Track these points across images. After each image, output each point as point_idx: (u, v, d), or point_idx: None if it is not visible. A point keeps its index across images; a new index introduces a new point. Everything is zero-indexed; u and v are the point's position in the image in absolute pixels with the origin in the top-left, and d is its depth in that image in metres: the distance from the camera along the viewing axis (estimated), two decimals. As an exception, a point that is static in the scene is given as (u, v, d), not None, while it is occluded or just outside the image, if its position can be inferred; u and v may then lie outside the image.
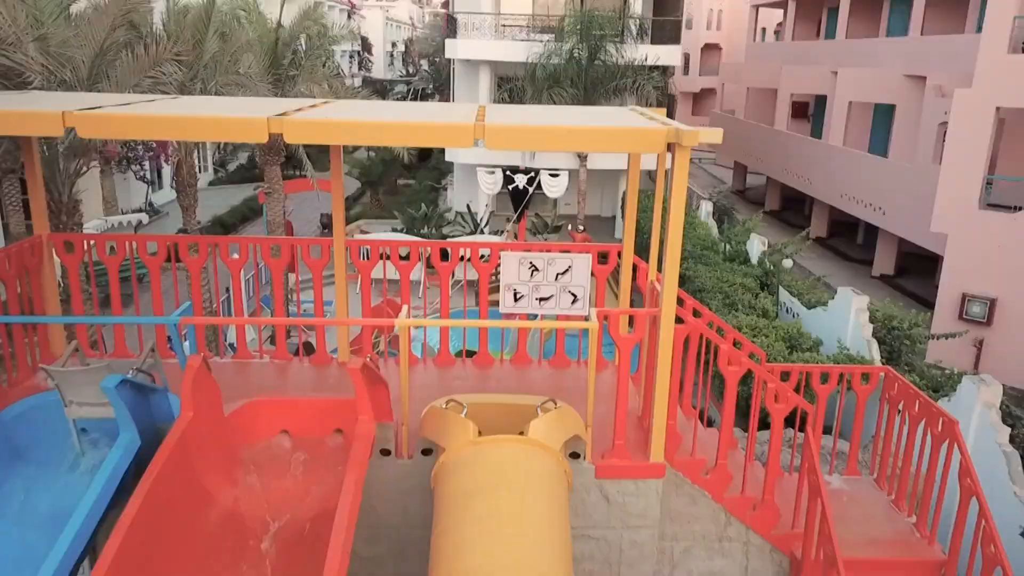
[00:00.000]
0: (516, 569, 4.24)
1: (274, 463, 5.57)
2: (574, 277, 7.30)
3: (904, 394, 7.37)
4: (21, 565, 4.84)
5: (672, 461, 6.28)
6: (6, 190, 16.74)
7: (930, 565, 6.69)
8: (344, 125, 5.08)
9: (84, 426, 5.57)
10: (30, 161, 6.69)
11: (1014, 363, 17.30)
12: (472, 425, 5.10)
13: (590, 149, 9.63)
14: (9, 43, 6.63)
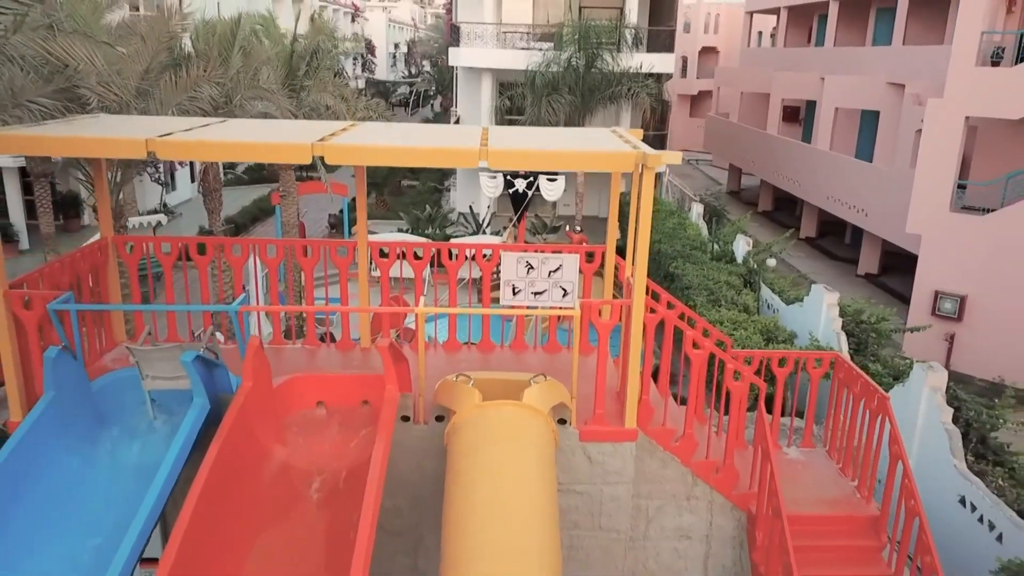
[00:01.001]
0: (513, 499, 5.41)
1: (314, 427, 6.74)
2: (564, 274, 8.45)
3: (849, 376, 8.54)
4: (112, 504, 6.00)
5: (645, 430, 7.45)
6: (39, 193, 17.94)
7: (866, 520, 7.86)
8: (373, 149, 6.26)
9: (154, 396, 6.74)
10: (99, 175, 7.86)
11: (982, 356, 18.46)
12: (478, 393, 6.28)
13: (573, 168, 10.73)
14: (79, 74, 7.65)
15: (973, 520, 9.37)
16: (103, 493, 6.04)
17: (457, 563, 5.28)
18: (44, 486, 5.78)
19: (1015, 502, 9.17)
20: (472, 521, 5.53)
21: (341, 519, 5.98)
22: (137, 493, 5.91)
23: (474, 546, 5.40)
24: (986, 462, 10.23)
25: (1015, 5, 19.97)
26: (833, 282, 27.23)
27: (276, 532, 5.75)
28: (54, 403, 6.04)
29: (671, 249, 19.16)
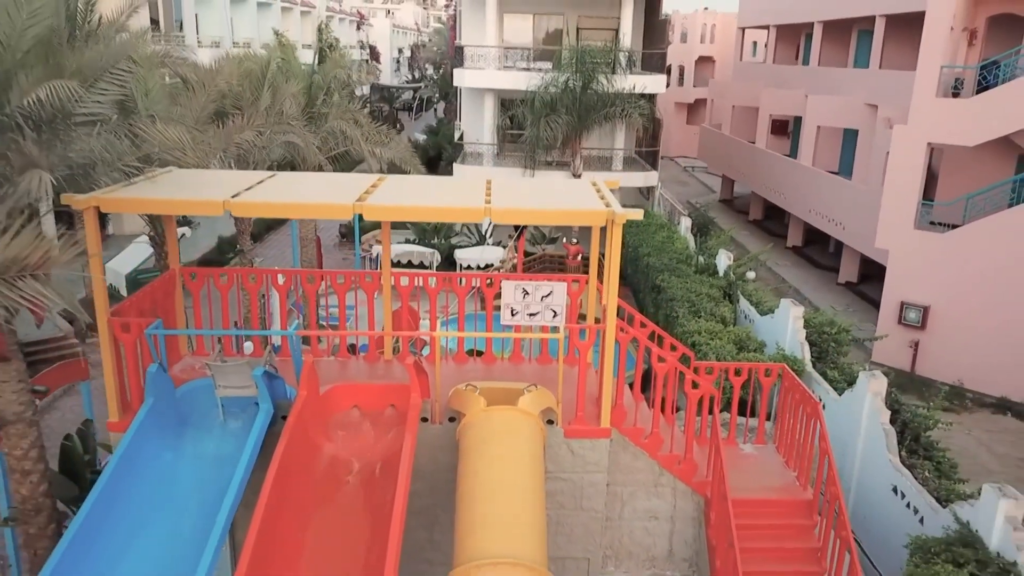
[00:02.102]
0: (510, 483, 7.11)
1: (351, 426, 8.43)
2: (554, 299, 10.10)
3: (792, 385, 10.24)
4: (199, 488, 7.67)
5: (620, 429, 9.14)
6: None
7: (801, 503, 9.55)
8: (401, 209, 7.96)
9: (224, 403, 8.43)
10: (169, 221, 9.56)
11: (943, 361, 20.10)
12: (483, 399, 7.97)
13: (559, 223, 12.37)
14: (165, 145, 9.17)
15: (902, 506, 11.03)
16: (191, 479, 7.73)
17: (468, 531, 6.97)
18: (149, 473, 7.47)
19: (936, 490, 10.81)
20: (479, 499, 7.22)
21: (375, 499, 7.68)
22: (216, 478, 7.63)
23: (480, 518, 7.09)
24: (918, 457, 11.86)
25: (975, 39, 21.59)
26: (815, 290, 28.95)
27: (327, 507, 7.45)
28: (152, 408, 7.74)
29: (659, 262, 20.77)
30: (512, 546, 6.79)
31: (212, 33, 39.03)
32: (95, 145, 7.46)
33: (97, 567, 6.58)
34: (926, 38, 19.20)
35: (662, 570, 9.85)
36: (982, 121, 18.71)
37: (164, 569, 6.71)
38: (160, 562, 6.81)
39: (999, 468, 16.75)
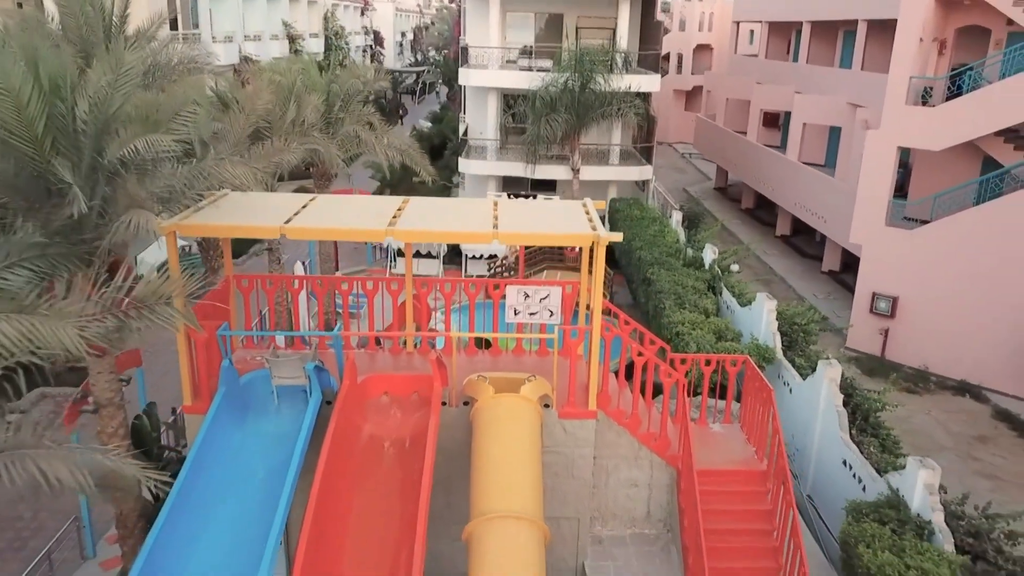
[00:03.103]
0: (514, 456, 8.94)
1: (382, 410, 10.25)
2: (551, 301, 11.89)
3: (752, 373, 12.04)
4: (263, 461, 9.48)
5: (605, 411, 10.95)
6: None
7: (757, 473, 11.38)
8: (424, 232, 9.73)
9: (278, 390, 10.23)
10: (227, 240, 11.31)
11: (911, 347, 21.91)
12: (491, 387, 9.78)
13: (553, 244, 14.17)
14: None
15: (849, 476, 12.86)
16: (256, 453, 9.56)
17: (481, 493, 8.81)
18: (224, 448, 9.30)
19: (877, 463, 12.62)
20: (489, 468, 9.06)
21: (405, 469, 9.53)
22: (275, 452, 9.46)
23: (490, 483, 8.93)
24: (866, 434, 13.67)
25: (945, 48, 23.13)
26: (800, 278, 30.68)
27: (368, 475, 9.29)
28: (225, 396, 9.56)
29: (649, 256, 22.46)
30: (515, 504, 8.63)
31: (225, 29, 40.47)
32: (177, 182, 9.20)
33: (190, 526, 8.41)
34: (897, 50, 20.79)
35: (641, 529, 11.74)
36: (947, 127, 20.36)
37: (242, 528, 8.54)
38: (238, 522, 8.64)
39: (952, 445, 18.61)
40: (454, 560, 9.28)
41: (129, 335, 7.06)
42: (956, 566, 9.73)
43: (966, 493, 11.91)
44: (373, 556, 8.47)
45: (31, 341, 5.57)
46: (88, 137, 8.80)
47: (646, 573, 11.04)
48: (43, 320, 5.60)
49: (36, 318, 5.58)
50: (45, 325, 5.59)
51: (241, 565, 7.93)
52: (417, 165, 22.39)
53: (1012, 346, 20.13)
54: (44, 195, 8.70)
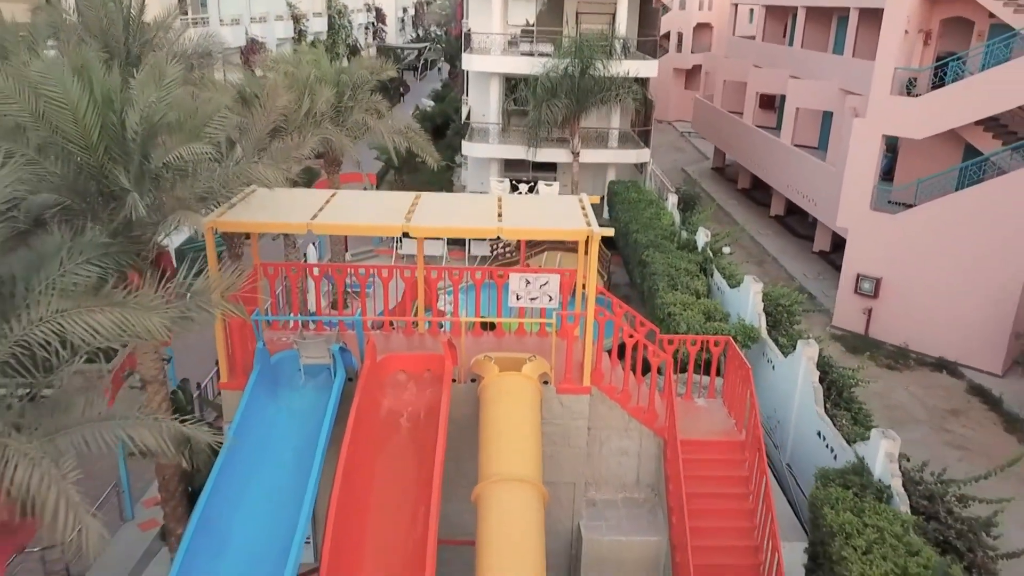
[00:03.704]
0: (517, 427, 10.14)
1: (399, 386, 11.44)
2: (550, 287, 13.02)
3: (733, 353, 13.20)
4: (294, 431, 10.67)
5: (598, 386, 12.13)
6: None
7: (736, 443, 12.58)
8: (436, 228, 10.83)
9: (304, 369, 11.41)
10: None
11: (892, 326, 23.08)
12: (496, 366, 10.95)
13: (551, 238, 15.37)
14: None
15: (823, 446, 14.06)
16: (287, 424, 10.75)
17: (487, 459, 10.01)
18: (259, 419, 10.50)
19: (848, 434, 13.81)
20: (495, 439, 10.26)
21: (420, 438, 10.72)
22: (304, 423, 10.66)
23: (496, 452, 10.13)
24: (840, 408, 14.86)
25: (930, 39, 24.00)
26: (792, 258, 31.79)
27: (388, 444, 10.50)
28: (260, 374, 10.75)
29: (645, 238, 23.53)
30: (518, 469, 9.84)
31: (232, 12, 41.21)
32: (215, 183, 10.30)
33: (235, 487, 9.63)
34: (882, 42, 21.70)
35: (631, 493, 12.99)
36: (929, 117, 21.35)
37: (279, 489, 9.75)
38: (275, 483, 9.85)
39: (926, 418, 19.86)
40: (463, 518, 10.48)
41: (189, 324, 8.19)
42: (908, 524, 10.96)
43: (925, 461, 13.14)
44: (394, 513, 9.70)
45: (122, 329, 6.69)
46: (136, 144, 9.87)
47: (635, 532, 12.30)
48: (132, 312, 6.72)
49: (127, 310, 6.69)
50: (134, 316, 6.71)
51: (281, 520, 9.15)
52: (423, 151, 23.39)
53: (987, 325, 21.29)
54: (99, 198, 9.80)
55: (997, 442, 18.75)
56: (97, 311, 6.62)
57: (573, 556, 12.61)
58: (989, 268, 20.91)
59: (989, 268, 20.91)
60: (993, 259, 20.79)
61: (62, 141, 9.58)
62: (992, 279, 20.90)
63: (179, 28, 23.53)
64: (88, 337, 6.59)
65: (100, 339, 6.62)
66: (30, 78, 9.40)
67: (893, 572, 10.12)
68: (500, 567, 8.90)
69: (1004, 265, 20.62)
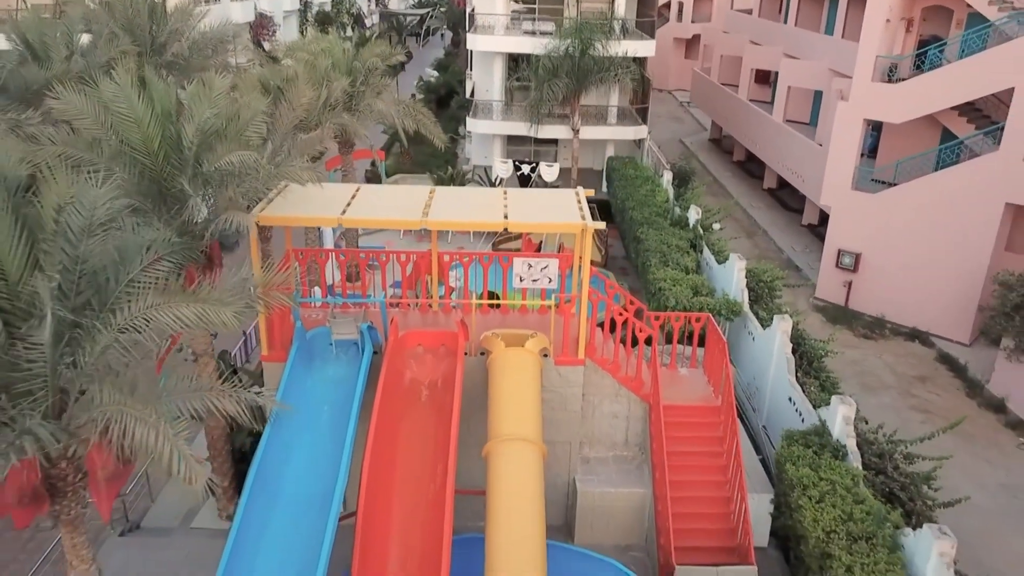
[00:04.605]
0: (520, 395, 11.86)
1: (418, 359, 13.14)
2: (550, 270, 14.62)
3: (712, 328, 14.87)
4: (328, 400, 12.38)
5: (592, 358, 13.82)
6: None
7: (713, 407, 14.31)
8: (450, 223, 12.43)
9: (336, 344, 13.08)
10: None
11: (870, 298, 24.70)
12: (502, 342, 12.63)
13: (550, 232, 17.03)
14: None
15: (793, 410, 15.80)
16: (323, 393, 12.46)
17: (495, 421, 11.74)
18: (299, 388, 12.21)
19: (814, 400, 15.52)
20: (501, 404, 11.98)
21: (438, 403, 12.45)
22: (337, 391, 12.38)
23: (503, 415, 11.85)
24: (810, 377, 16.56)
25: (912, 26, 25.20)
26: (782, 231, 33.28)
27: (410, 410, 12.23)
28: (299, 349, 12.43)
29: (640, 216, 25.01)
30: (522, 430, 11.58)
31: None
32: (260, 184, 11.87)
33: (283, 444, 11.36)
34: (865, 30, 22.97)
35: (620, 452, 14.76)
36: (907, 103, 22.72)
37: (320, 446, 11.48)
38: (316, 441, 11.59)
39: (895, 384, 21.58)
40: (475, 472, 12.23)
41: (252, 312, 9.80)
42: (858, 478, 12.72)
43: (881, 423, 14.89)
44: (417, 467, 11.46)
45: (203, 321, 8.29)
46: (191, 152, 11.41)
47: (623, 485, 14.10)
48: (211, 305, 8.31)
49: (207, 304, 8.29)
50: (212, 309, 8.31)
51: (323, 473, 10.91)
52: (431, 133, 24.83)
53: (957, 298, 22.90)
54: (161, 200, 11.38)
55: (959, 406, 20.48)
56: (184, 305, 8.21)
57: (569, 506, 14.43)
58: (959, 245, 22.44)
59: (959, 245, 22.44)
60: (963, 237, 22.31)
61: (129, 151, 11.13)
62: (963, 255, 22.44)
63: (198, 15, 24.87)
64: (177, 327, 8.21)
65: (186, 328, 8.24)
66: (102, 96, 10.92)
67: (840, 517, 11.91)
68: (507, 514, 10.67)
69: (973, 242, 22.15)
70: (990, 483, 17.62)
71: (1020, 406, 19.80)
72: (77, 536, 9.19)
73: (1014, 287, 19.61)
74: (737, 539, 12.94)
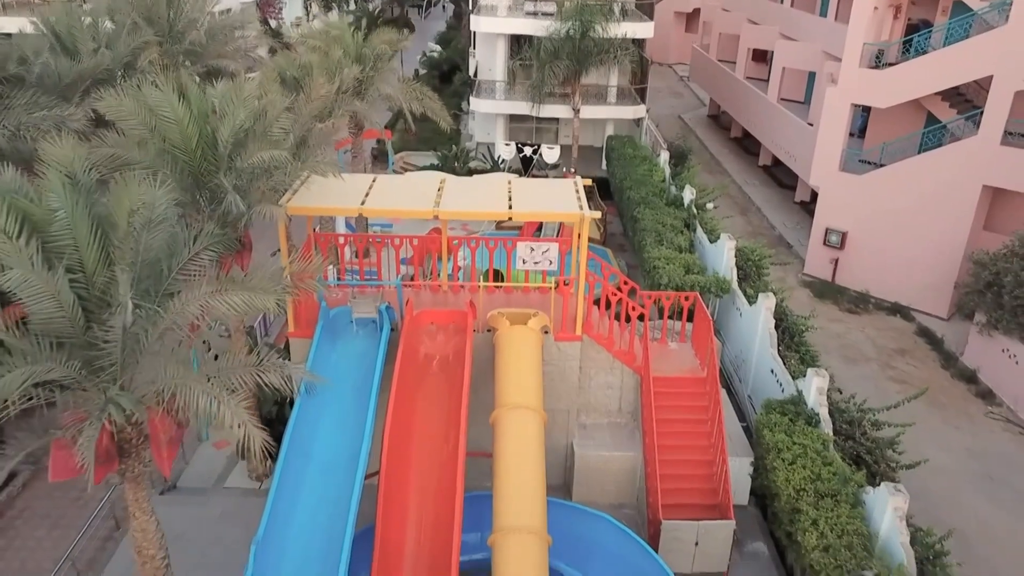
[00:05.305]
0: (523, 367, 13.22)
1: (431, 335, 14.48)
2: (551, 253, 15.90)
3: (699, 306, 16.19)
4: (351, 371, 13.74)
5: (589, 334, 15.16)
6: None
7: (699, 378, 15.67)
8: (459, 212, 13.68)
9: (357, 322, 14.41)
10: (310, 204, 15.28)
11: (855, 274, 25.97)
12: (507, 320, 13.97)
13: (551, 220, 18.34)
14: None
15: (774, 381, 17.16)
16: (347, 367, 13.81)
17: (501, 391, 13.12)
18: (325, 361, 13.57)
19: (794, 372, 16.86)
20: (507, 377, 13.34)
21: (450, 376, 13.81)
22: (359, 365, 13.73)
23: (508, 387, 13.22)
24: (791, 351, 17.89)
25: (900, 12, 26.11)
26: (775, 208, 34.42)
27: (424, 383, 13.60)
28: (324, 327, 13.77)
29: (637, 195, 26.15)
30: (525, 399, 12.96)
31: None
32: (288, 177, 13.10)
33: (313, 412, 12.74)
34: (853, 18, 23.94)
35: (614, 419, 16.17)
36: (891, 89, 23.78)
37: (345, 414, 12.85)
38: (342, 410, 12.96)
39: (875, 356, 22.94)
40: (482, 436, 13.62)
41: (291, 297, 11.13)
42: (828, 442, 14.13)
43: (853, 394, 16.29)
44: (432, 432, 12.86)
45: (249, 306, 9.57)
46: (226, 151, 12.62)
47: (616, 449, 15.52)
48: (256, 293, 9.58)
49: (254, 292, 9.56)
50: (257, 296, 9.58)
51: (348, 438, 12.30)
52: (437, 116, 25.91)
53: (936, 274, 24.17)
54: (199, 194, 12.62)
55: (934, 376, 21.87)
56: (233, 292, 9.49)
57: (567, 467, 15.88)
58: (939, 224, 23.65)
59: (939, 224, 23.65)
60: (943, 216, 23.51)
61: (171, 149, 12.35)
62: (942, 234, 23.66)
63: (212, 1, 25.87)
64: (228, 312, 9.50)
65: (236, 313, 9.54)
66: (147, 101, 12.12)
67: (809, 477, 13.33)
68: (512, 473, 12.08)
69: (952, 222, 23.36)
70: (957, 448, 19.06)
71: (990, 377, 21.18)
72: (140, 491, 10.59)
73: (987, 265, 20.88)
74: (718, 497, 14.37)
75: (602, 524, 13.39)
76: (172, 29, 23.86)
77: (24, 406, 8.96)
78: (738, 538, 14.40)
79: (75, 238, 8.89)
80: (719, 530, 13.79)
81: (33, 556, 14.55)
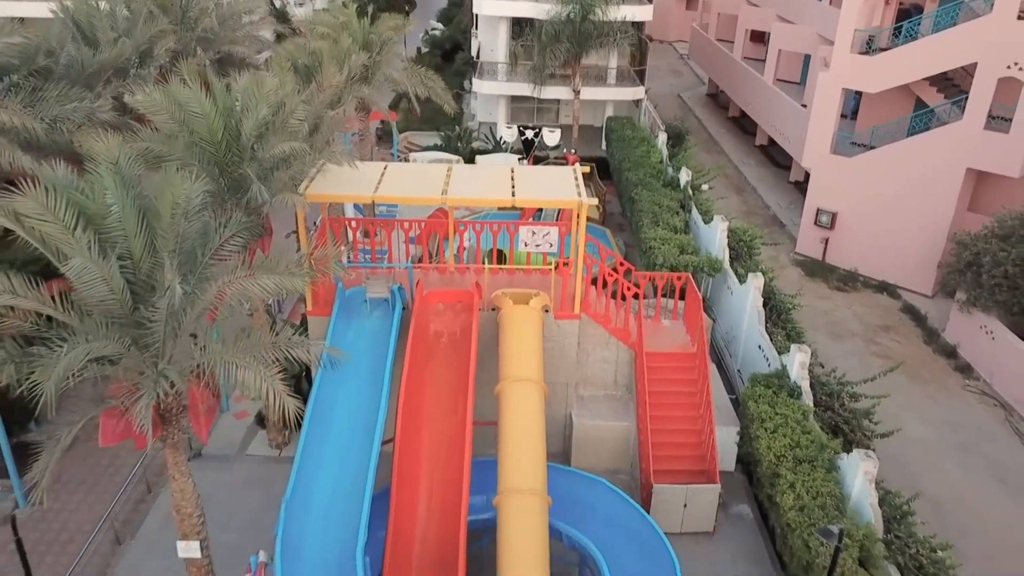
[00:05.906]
0: (526, 344, 14.30)
1: (439, 313, 15.55)
2: (551, 236, 16.89)
3: (691, 286, 17.23)
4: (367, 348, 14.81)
5: (586, 313, 16.22)
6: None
7: (689, 354, 16.75)
8: (465, 199, 14.69)
9: (370, 301, 15.46)
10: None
11: (845, 253, 26.96)
12: (510, 300, 15.02)
13: (551, 206, 19.34)
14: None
15: (761, 357, 18.25)
16: (362, 344, 14.88)
17: (505, 365, 14.20)
18: (342, 337, 14.64)
19: (779, 348, 17.92)
20: (509, 351, 14.43)
21: (457, 352, 14.89)
22: (373, 342, 14.81)
23: (511, 361, 14.30)
24: (778, 328, 18.94)
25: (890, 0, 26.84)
26: (770, 188, 35.30)
27: (434, 357, 14.69)
28: (340, 306, 14.83)
29: (635, 177, 27.04)
30: (526, 372, 14.05)
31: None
32: (307, 167, 14.08)
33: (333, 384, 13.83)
34: (845, 5, 24.68)
35: (610, 391, 17.29)
36: (881, 74, 24.59)
37: (362, 386, 13.95)
38: (359, 382, 14.05)
39: (861, 332, 24.01)
40: (488, 407, 14.72)
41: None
42: (808, 413, 15.25)
43: (834, 368, 17.37)
44: (442, 403, 13.98)
45: (279, 289, 10.60)
46: (249, 142, 13.59)
47: (612, 419, 16.65)
48: (285, 277, 10.61)
49: (283, 276, 10.59)
50: (286, 279, 10.60)
51: (366, 408, 13.41)
52: (441, 100, 26.76)
53: (922, 253, 25.16)
54: (225, 184, 13.60)
55: (916, 352, 22.96)
56: (265, 276, 10.52)
57: (566, 436, 17.04)
58: (925, 205, 24.59)
59: (925, 205, 24.59)
60: (929, 198, 24.44)
61: (199, 142, 13.31)
62: (927, 215, 24.60)
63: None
64: (261, 293, 10.54)
65: (267, 295, 10.57)
66: (177, 97, 13.07)
67: (789, 445, 14.46)
68: (515, 440, 13.20)
69: (937, 203, 24.29)
70: (935, 419, 20.19)
71: (969, 352, 22.26)
72: (178, 456, 11.71)
73: (968, 246, 21.88)
74: (706, 464, 15.51)
75: (598, 487, 14.52)
76: (185, 16, 24.64)
77: (80, 378, 10.04)
78: (724, 501, 15.58)
79: (125, 229, 9.89)
80: (706, 493, 14.95)
81: (74, 517, 15.75)
